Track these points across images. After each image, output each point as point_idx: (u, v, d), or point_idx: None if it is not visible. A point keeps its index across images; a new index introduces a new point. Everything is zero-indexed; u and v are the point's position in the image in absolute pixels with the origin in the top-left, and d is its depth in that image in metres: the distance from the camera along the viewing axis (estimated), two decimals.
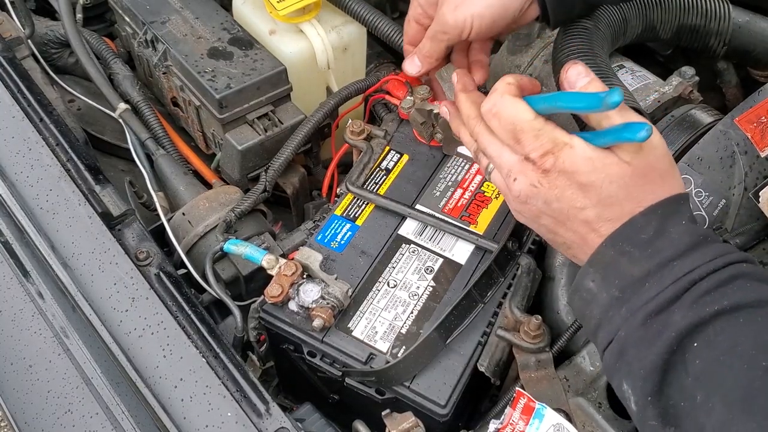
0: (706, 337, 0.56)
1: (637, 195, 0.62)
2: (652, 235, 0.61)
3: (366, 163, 0.95)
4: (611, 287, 0.61)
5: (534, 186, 0.65)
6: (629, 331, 0.59)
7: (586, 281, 0.64)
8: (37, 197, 0.87)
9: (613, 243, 0.62)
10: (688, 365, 0.56)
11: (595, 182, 0.62)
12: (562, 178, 0.63)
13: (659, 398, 0.57)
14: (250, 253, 0.85)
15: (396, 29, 1.06)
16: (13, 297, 0.81)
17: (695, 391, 0.55)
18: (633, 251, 0.61)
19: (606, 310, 0.62)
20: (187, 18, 1.10)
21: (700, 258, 0.59)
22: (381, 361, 0.77)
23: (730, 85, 1.19)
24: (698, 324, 0.56)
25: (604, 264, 0.63)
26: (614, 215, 0.62)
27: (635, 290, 0.60)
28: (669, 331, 0.57)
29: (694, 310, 0.57)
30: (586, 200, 0.63)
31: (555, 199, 0.64)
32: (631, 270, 0.60)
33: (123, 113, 1.10)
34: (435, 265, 0.85)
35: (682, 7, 1.05)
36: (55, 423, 0.72)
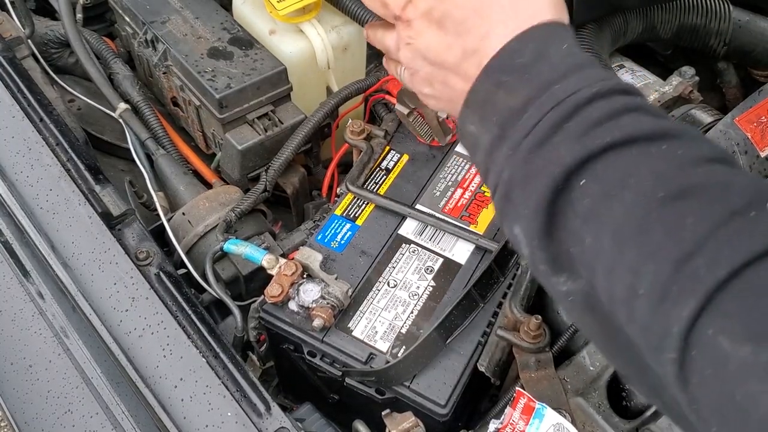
0: (594, 172, 0.49)
1: (487, 12, 0.57)
2: (530, 60, 0.54)
3: (366, 163, 0.95)
4: (491, 125, 0.55)
5: (408, 44, 0.61)
6: (512, 170, 0.53)
7: (466, 125, 0.58)
8: (37, 197, 0.87)
9: (486, 75, 0.56)
10: (575, 205, 0.50)
11: (447, 11, 0.58)
12: (424, 20, 0.59)
13: (549, 242, 0.51)
14: (250, 253, 0.85)
15: None
16: (13, 297, 0.81)
17: (584, 233, 0.49)
18: (509, 80, 0.54)
19: (489, 152, 0.55)
20: (187, 18, 1.10)
21: (584, 79, 0.52)
22: (381, 360, 0.77)
23: (730, 85, 1.19)
24: (586, 158, 0.49)
25: (481, 101, 0.56)
26: (473, 44, 0.57)
27: (514, 122, 0.53)
28: (553, 166, 0.50)
29: (582, 142, 0.50)
30: (446, 36, 0.58)
31: (425, 48, 0.60)
32: (509, 101, 0.53)
33: (123, 113, 1.10)
34: (435, 265, 0.85)
35: (683, 7, 1.05)
36: (55, 423, 0.72)
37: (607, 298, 0.49)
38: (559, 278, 0.52)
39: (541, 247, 0.51)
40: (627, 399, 0.79)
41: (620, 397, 0.79)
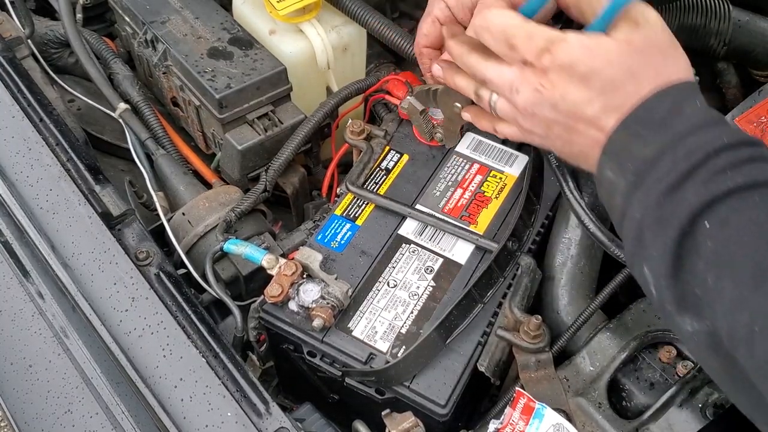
0: (718, 215, 0.53)
1: (640, 74, 0.60)
2: (665, 115, 0.58)
3: (366, 163, 0.95)
4: (626, 172, 0.59)
5: (537, 91, 0.63)
6: (644, 213, 0.57)
7: (605, 171, 0.62)
8: (37, 197, 0.87)
9: (624, 127, 0.60)
10: (700, 247, 0.53)
11: (595, 68, 0.60)
12: (563, 73, 0.61)
13: (675, 282, 0.54)
14: (250, 253, 0.85)
15: (399, 33, 1.05)
16: (13, 297, 0.81)
17: (707, 275, 0.52)
18: (645, 132, 0.58)
19: (626, 197, 0.59)
20: (187, 18, 1.10)
21: (716, 134, 0.56)
22: (381, 360, 0.77)
23: (730, 85, 1.19)
24: (711, 202, 0.53)
25: (617, 150, 0.60)
26: (619, 101, 0.60)
27: (649, 171, 0.57)
28: (682, 210, 0.54)
29: (708, 187, 0.54)
30: (589, 91, 0.60)
31: (560, 98, 0.62)
32: (644, 151, 0.58)
33: (123, 113, 1.10)
34: (435, 265, 0.85)
35: (682, 7, 1.05)
36: (55, 423, 0.72)
37: (727, 337, 0.51)
38: (684, 318, 0.55)
39: (668, 286, 0.55)
40: (627, 399, 0.79)
41: (620, 397, 0.79)
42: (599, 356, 0.80)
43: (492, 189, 0.92)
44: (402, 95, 1.01)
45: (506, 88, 0.66)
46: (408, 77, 1.03)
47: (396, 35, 1.05)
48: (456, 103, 0.82)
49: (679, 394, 0.75)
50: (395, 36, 1.05)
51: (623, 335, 0.80)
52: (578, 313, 0.83)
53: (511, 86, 0.65)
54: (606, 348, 0.80)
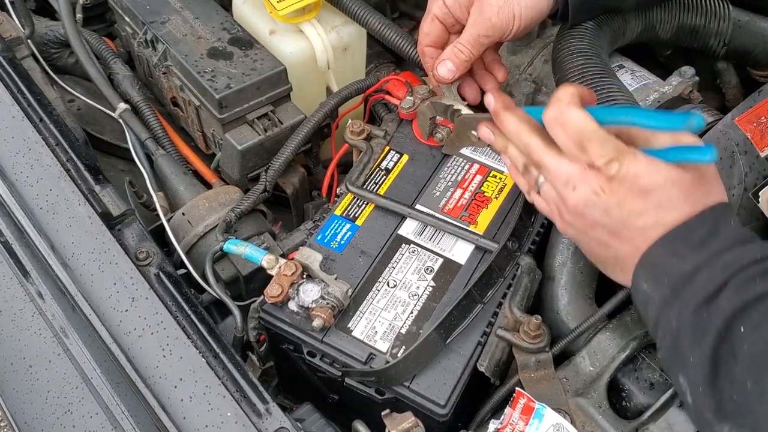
0: (751, 320, 0.56)
1: (695, 198, 0.63)
2: (705, 235, 0.62)
3: (366, 163, 0.95)
4: (662, 286, 0.62)
5: (596, 193, 0.65)
6: (681, 323, 0.60)
7: (639, 283, 0.65)
8: (37, 197, 0.87)
9: (664, 243, 0.63)
10: (736, 352, 0.56)
11: (657, 184, 0.63)
12: (626, 184, 0.64)
13: (713, 391, 0.57)
14: (249, 253, 0.85)
15: (399, 33, 1.05)
16: (13, 297, 0.81)
17: (745, 378, 0.55)
18: (684, 250, 0.62)
19: (660, 310, 0.62)
20: (187, 18, 1.10)
21: (749, 249, 0.60)
22: (381, 361, 0.77)
23: (730, 85, 1.19)
24: (743, 307, 0.56)
25: (653, 264, 0.64)
26: (672, 219, 0.63)
27: (685, 285, 0.60)
28: (717, 317, 0.57)
29: (739, 294, 0.57)
30: (646, 204, 0.64)
31: (615, 205, 0.65)
32: (682, 266, 0.61)
33: (123, 113, 1.10)
34: (435, 265, 0.85)
35: (682, 7, 1.04)
36: (55, 423, 0.72)
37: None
38: (723, 426, 0.56)
39: (705, 394, 0.57)
40: (627, 399, 0.79)
41: (620, 397, 0.79)
42: (599, 356, 0.80)
43: (492, 189, 0.92)
44: (402, 95, 1.01)
45: (561, 180, 0.68)
46: (408, 77, 1.04)
47: (396, 35, 1.05)
48: (473, 132, 0.83)
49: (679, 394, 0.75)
50: (395, 36, 1.05)
51: (623, 335, 0.80)
52: (578, 314, 0.83)
53: (568, 181, 0.67)
54: (606, 348, 0.80)
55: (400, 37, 1.05)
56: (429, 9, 0.90)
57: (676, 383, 0.62)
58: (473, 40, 0.85)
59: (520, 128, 0.72)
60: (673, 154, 0.65)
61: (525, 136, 0.71)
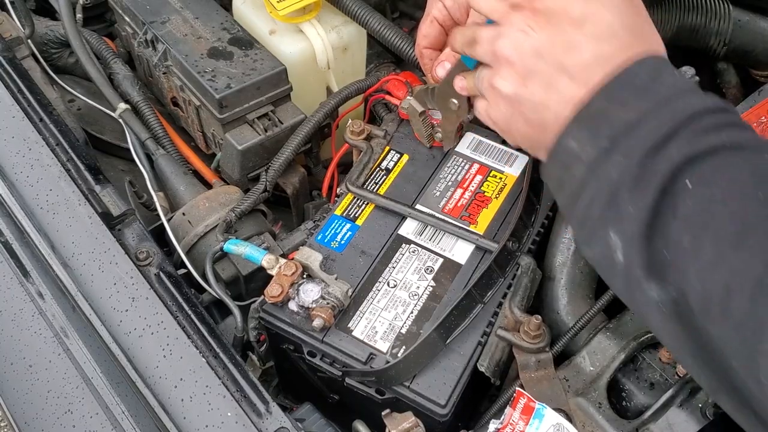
0: (700, 173, 0.51)
1: (635, 32, 0.58)
2: (648, 81, 0.56)
3: (366, 163, 0.95)
4: (599, 139, 0.56)
5: (523, 31, 0.59)
6: (622, 174, 0.54)
7: (566, 141, 0.59)
8: (37, 197, 0.87)
9: (605, 91, 0.57)
10: (678, 207, 0.51)
11: (591, 12, 0.57)
12: (555, 16, 0.58)
13: (647, 245, 0.52)
14: (250, 253, 0.85)
15: (398, 34, 1.05)
16: (13, 297, 0.81)
17: (682, 236, 0.51)
18: (627, 97, 0.56)
19: (591, 167, 0.56)
20: (187, 18, 1.10)
21: (698, 99, 0.55)
22: (381, 361, 0.78)
23: (730, 85, 1.19)
24: (694, 158, 0.52)
25: (592, 115, 0.57)
26: (610, 52, 0.57)
27: (629, 133, 0.55)
28: (664, 167, 0.52)
29: (691, 144, 0.52)
30: (581, 35, 0.58)
31: (547, 41, 0.58)
32: (625, 115, 0.55)
33: (123, 113, 1.10)
34: (435, 265, 0.85)
35: (682, 7, 1.05)
36: (55, 423, 0.72)
37: (698, 300, 0.49)
38: (651, 284, 0.53)
39: (639, 249, 0.53)
40: (627, 399, 0.79)
41: (620, 397, 0.80)
42: (599, 356, 0.80)
43: (492, 189, 0.92)
44: (402, 95, 1.01)
45: (489, 37, 0.63)
46: (408, 77, 1.04)
47: (395, 36, 1.05)
48: (453, 99, 0.82)
49: (679, 394, 0.75)
50: (394, 37, 1.05)
51: (623, 335, 0.80)
52: (578, 313, 0.83)
53: (496, 34, 0.62)
54: (606, 348, 0.80)
55: (399, 37, 1.05)
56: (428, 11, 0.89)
57: (605, 243, 0.56)
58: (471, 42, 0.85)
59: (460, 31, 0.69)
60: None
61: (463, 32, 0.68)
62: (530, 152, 0.67)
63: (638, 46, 0.58)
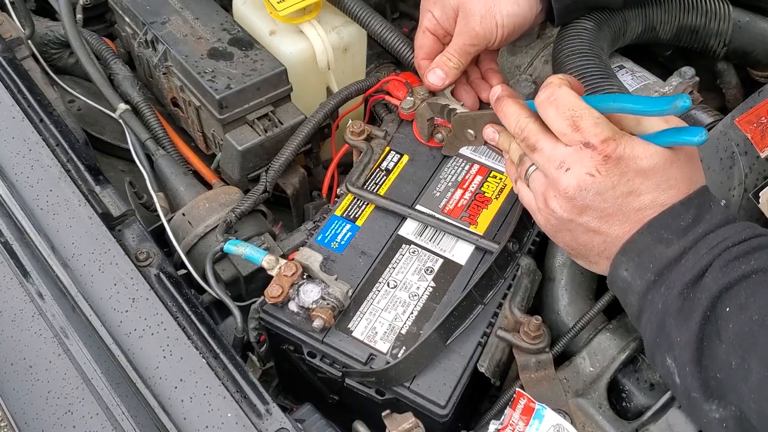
0: (737, 299, 0.56)
1: (690, 178, 0.64)
2: (690, 220, 0.62)
3: (366, 164, 0.95)
4: (646, 272, 0.62)
5: (591, 174, 0.64)
6: (667, 305, 0.60)
7: (619, 271, 0.64)
8: (37, 197, 0.87)
9: (649, 230, 0.63)
10: (721, 331, 0.56)
11: (657, 165, 0.62)
12: (622, 164, 0.63)
13: (699, 369, 0.57)
14: (250, 254, 0.85)
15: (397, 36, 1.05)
16: (13, 297, 0.81)
17: (730, 357, 0.55)
18: (670, 237, 0.62)
19: (644, 295, 0.62)
20: (187, 18, 1.10)
21: (733, 229, 0.60)
22: (381, 361, 0.78)
23: (730, 86, 1.19)
24: (728, 286, 0.56)
25: (638, 251, 0.63)
26: (669, 199, 0.63)
27: (672, 268, 0.60)
28: (703, 297, 0.57)
29: (724, 273, 0.57)
30: (646, 185, 0.63)
31: (611, 187, 0.63)
32: (667, 252, 0.61)
33: (123, 114, 1.10)
34: (435, 266, 0.85)
35: (682, 8, 1.05)
36: (55, 423, 0.72)
37: (756, 417, 0.53)
38: (711, 405, 0.57)
39: (692, 373, 0.57)
40: (627, 399, 0.79)
41: (620, 397, 0.79)
42: (599, 357, 0.80)
43: (492, 189, 0.92)
44: (402, 96, 1.01)
45: (555, 162, 0.66)
46: (408, 78, 1.03)
47: (394, 38, 1.05)
48: (470, 130, 0.83)
49: None
50: (393, 39, 1.05)
51: (623, 336, 0.80)
52: (578, 314, 0.83)
53: (562, 163, 0.65)
54: (606, 348, 0.80)
55: (398, 40, 1.05)
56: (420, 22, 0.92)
57: (662, 366, 0.61)
58: (460, 48, 0.88)
59: (519, 113, 0.72)
60: (664, 137, 0.64)
61: (523, 120, 0.71)
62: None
63: (693, 185, 0.64)
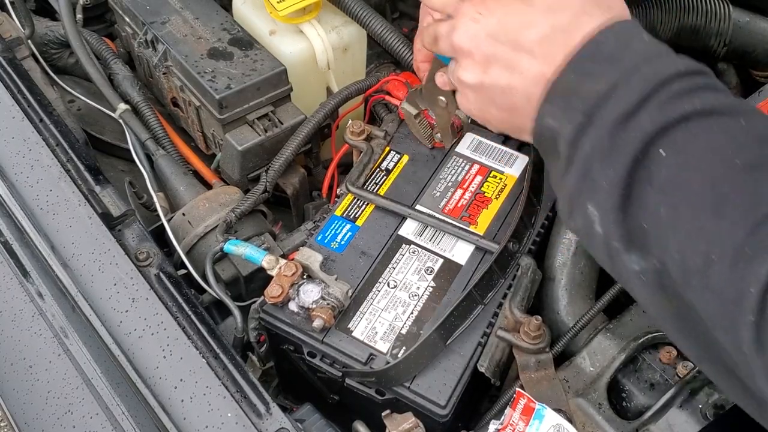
0: (674, 141, 0.50)
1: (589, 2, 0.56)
2: (614, 50, 0.54)
3: (366, 164, 0.95)
4: (575, 114, 0.54)
5: (474, 20, 0.58)
6: (595, 145, 0.53)
7: (545, 119, 0.57)
8: (37, 197, 0.87)
9: (573, 66, 0.55)
10: (653, 176, 0.50)
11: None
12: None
13: (624, 216, 0.51)
14: (250, 254, 0.85)
15: (397, 36, 1.05)
16: (13, 297, 0.81)
17: (659, 206, 0.49)
18: (596, 68, 0.54)
19: (573, 142, 0.55)
20: (187, 18, 1.10)
21: (668, 62, 0.53)
22: (381, 361, 0.77)
23: (730, 86, 1.19)
24: (666, 126, 0.50)
25: (564, 91, 0.56)
26: (566, 22, 0.55)
27: (600, 105, 0.53)
28: (635, 136, 0.51)
29: (663, 112, 0.50)
30: (532, 10, 0.56)
31: (498, 24, 0.57)
32: (596, 87, 0.53)
33: (123, 113, 1.10)
34: (435, 266, 0.85)
35: (683, 8, 1.05)
36: (55, 423, 0.72)
37: (679, 271, 0.48)
38: (631, 256, 0.51)
39: (616, 221, 0.51)
40: (627, 399, 0.79)
41: (620, 397, 0.80)
42: (599, 357, 0.80)
43: (492, 189, 0.92)
44: (402, 96, 1.01)
45: (447, 30, 0.62)
46: (408, 78, 1.04)
47: (394, 39, 1.05)
48: (440, 96, 0.82)
49: (679, 394, 0.75)
50: (393, 40, 1.05)
51: (623, 336, 0.80)
52: (578, 314, 0.83)
53: (452, 26, 0.61)
54: (606, 348, 0.80)
55: (398, 41, 1.05)
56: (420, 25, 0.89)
57: (583, 217, 0.55)
58: None
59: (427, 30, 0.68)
60: None
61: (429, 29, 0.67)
62: (513, 136, 0.67)
63: (600, 15, 0.56)
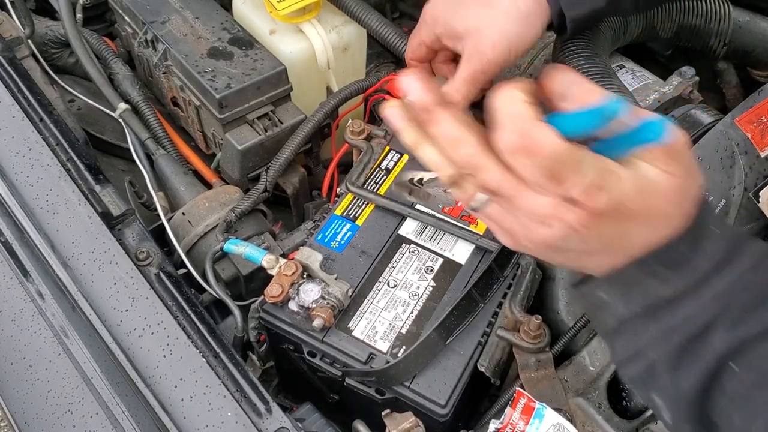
0: (747, 361, 0.51)
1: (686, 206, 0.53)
2: (686, 252, 0.53)
3: (366, 163, 0.95)
4: (632, 304, 0.54)
5: (575, 230, 0.52)
6: (662, 355, 0.53)
7: (596, 291, 0.56)
8: (37, 197, 0.87)
9: (641, 265, 0.54)
10: (725, 386, 0.52)
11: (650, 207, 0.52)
12: (613, 214, 0.51)
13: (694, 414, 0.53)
14: (250, 253, 0.85)
15: (397, 34, 1.05)
16: (13, 297, 0.81)
17: (732, 412, 0.52)
18: (664, 272, 0.53)
19: (625, 322, 0.55)
20: (187, 18, 1.10)
21: (738, 268, 0.52)
22: (381, 361, 0.77)
23: (730, 86, 1.19)
24: (738, 347, 0.51)
25: (626, 283, 0.55)
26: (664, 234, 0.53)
27: (665, 309, 0.53)
28: (708, 355, 0.52)
29: (733, 331, 0.51)
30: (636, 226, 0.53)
31: (596, 237, 0.53)
32: (661, 290, 0.53)
33: (123, 113, 1.10)
34: (435, 265, 0.85)
35: (682, 8, 1.05)
36: (55, 423, 0.72)
37: None
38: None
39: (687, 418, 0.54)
40: (627, 399, 0.79)
41: (620, 397, 0.79)
42: (599, 356, 0.80)
43: None
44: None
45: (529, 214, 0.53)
46: None
47: (395, 37, 1.05)
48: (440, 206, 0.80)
49: None
50: (394, 38, 1.05)
51: None
52: (578, 313, 0.83)
53: (543, 220, 0.53)
54: (606, 348, 0.80)
55: (399, 39, 1.05)
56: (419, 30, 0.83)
57: (646, 398, 0.57)
58: (470, 77, 0.76)
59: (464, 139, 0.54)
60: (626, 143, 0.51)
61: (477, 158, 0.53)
62: None
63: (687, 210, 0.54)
